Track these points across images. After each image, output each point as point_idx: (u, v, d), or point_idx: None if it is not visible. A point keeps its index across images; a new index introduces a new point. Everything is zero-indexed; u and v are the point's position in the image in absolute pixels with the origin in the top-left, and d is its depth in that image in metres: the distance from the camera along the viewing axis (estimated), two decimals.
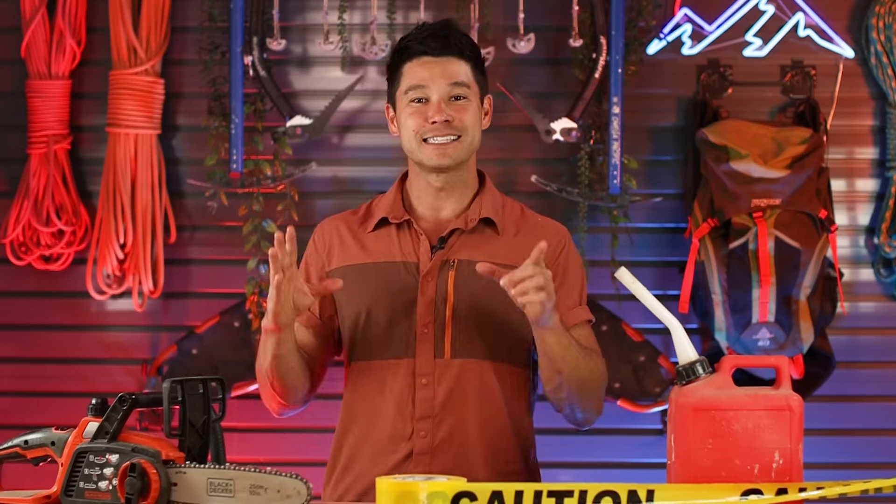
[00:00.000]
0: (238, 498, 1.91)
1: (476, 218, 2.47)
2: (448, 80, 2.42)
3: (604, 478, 3.91)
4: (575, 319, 2.47)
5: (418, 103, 2.43)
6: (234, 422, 3.95)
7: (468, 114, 2.43)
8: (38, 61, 4.13)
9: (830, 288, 3.92)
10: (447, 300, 2.40)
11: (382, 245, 2.47)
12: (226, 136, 4.05)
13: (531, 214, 2.57)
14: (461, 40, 2.45)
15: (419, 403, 2.40)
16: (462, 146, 2.43)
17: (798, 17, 4.08)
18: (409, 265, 2.44)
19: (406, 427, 2.40)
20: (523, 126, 4.09)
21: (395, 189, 2.54)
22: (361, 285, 2.45)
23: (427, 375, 2.41)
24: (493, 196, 2.53)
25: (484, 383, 2.42)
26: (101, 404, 2.04)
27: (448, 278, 2.41)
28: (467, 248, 2.45)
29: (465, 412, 2.40)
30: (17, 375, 4.23)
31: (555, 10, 4.09)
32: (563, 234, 2.54)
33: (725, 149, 3.89)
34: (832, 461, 4.00)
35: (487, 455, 2.41)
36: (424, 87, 2.42)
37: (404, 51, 2.46)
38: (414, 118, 2.42)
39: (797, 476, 1.96)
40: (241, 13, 4.02)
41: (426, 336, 2.41)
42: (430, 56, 2.43)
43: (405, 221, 2.48)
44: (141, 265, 4.09)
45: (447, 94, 2.42)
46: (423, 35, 2.45)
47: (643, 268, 4.00)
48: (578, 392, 2.40)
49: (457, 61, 2.44)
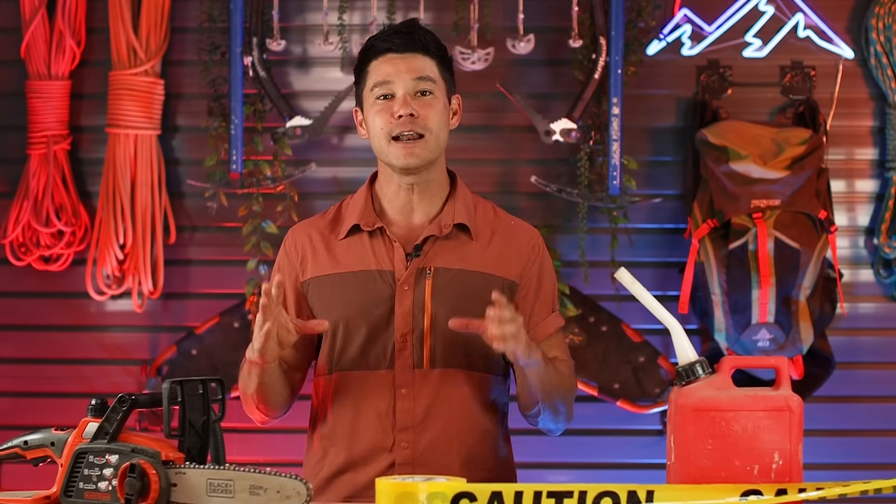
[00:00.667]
0: (238, 498, 1.91)
1: (450, 224, 2.45)
2: (413, 74, 2.41)
3: (603, 478, 3.92)
4: (550, 329, 2.49)
5: (384, 100, 2.41)
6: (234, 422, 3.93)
7: (433, 111, 2.41)
8: (37, 62, 4.13)
9: (830, 289, 3.92)
10: (425, 310, 2.39)
11: (355, 254, 2.45)
12: (225, 137, 4.05)
13: (504, 216, 2.55)
14: (426, 37, 2.45)
15: (400, 414, 2.40)
16: (427, 146, 2.41)
17: (798, 18, 4.08)
18: (384, 274, 2.42)
19: (387, 438, 2.40)
20: (523, 127, 4.09)
21: (364, 193, 2.52)
22: (337, 296, 2.44)
23: (407, 386, 2.40)
24: (465, 198, 2.50)
25: (463, 392, 2.42)
26: (101, 405, 2.04)
27: (425, 287, 2.40)
28: (443, 255, 2.43)
29: (445, 422, 2.40)
30: (17, 376, 4.23)
31: (554, 11, 4.09)
32: (536, 238, 2.53)
33: (725, 149, 3.89)
34: (832, 462, 4.00)
35: (468, 464, 2.40)
36: (390, 83, 2.41)
37: (369, 50, 2.46)
38: (381, 116, 2.41)
39: (797, 477, 1.96)
40: (240, 14, 4.02)
41: (405, 346, 2.40)
42: (394, 53, 2.42)
43: (378, 228, 2.46)
44: (140, 266, 4.09)
45: (412, 89, 2.40)
46: (387, 33, 2.45)
47: (643, 268, 4.00)
48: (553, 412, 2.44)
49: (422, 57, 2.43)
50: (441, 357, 2.39)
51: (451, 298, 2.39)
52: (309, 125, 4.05)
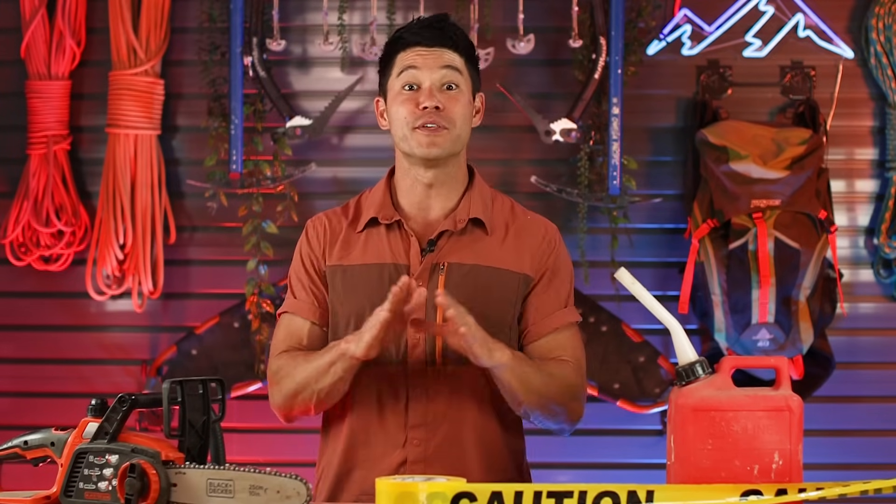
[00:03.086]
0: (237, 498, 1.91)
1: (465, 219, 2.44)
2: (440, 66, 2.41)
3: (603, 478, 3.93)
4: (557, 323, 2.46)
5: (409, 91, 2.41)
6: (234, 422, 3.95)
7: (458, 105, 2.41)
8: (37, 62, 4.13)
9: (830, 289, 3.92)
10: (437, 306, 2.37)
11: (373, 246, 2.45)
12: (225, 137, 4.05)
13: (521, 211, 2.54)
14: (456, 33, 2.45)
15: (412, 411, 2.39)
16: (450, 137, 2.40)
17: (798, 18, 4.09)
18: (399, 267, 2.41)
19: (399, 435, 2.39)
20: (523, 127, 4.09)
21: (383, 186, 2.51)
22: (353, 287, 2.43)
23: (419, 383, 2.39)
24: (482, 193, 2.49)
25: (476, 389, 2.40)
26: (101, 405, 2.04)
27: (438, 283, 2.39)
28: (457, 250, 2.42)
29: (458, 419, 2.39)
30: (17, 376, 4.23)
31: (554, 11, 4.09)
32: (553, 232, 2.52)
33: (725, 149, 3.89)
34: (832, 462, 4.00)
35: (482, 461, 2.40)
36: (417, 72, 2.40)
37: (398, 41, 2.45)
38: (406, 105, 2.40)
39: (797, 477, 1.96)
40: (240, 14, 4.02)
41: (417, 343, 2.39)
42: (423, 46, 2.42)
43: (395, 222, 2.45)
44: (140, 266, 4.09)
45: (439, 81, 2.40)
46: (418, 26, 2.45)
47: (643, 268, 4.00)
48: (545, 412, 2.40)
49: (450, 52, 2.42)
50: (453, 354, 2.37)
51: (464, 294, 2.36)
52: (309, 125, 4.05)
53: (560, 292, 2.49)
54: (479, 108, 2.51)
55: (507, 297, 2.43)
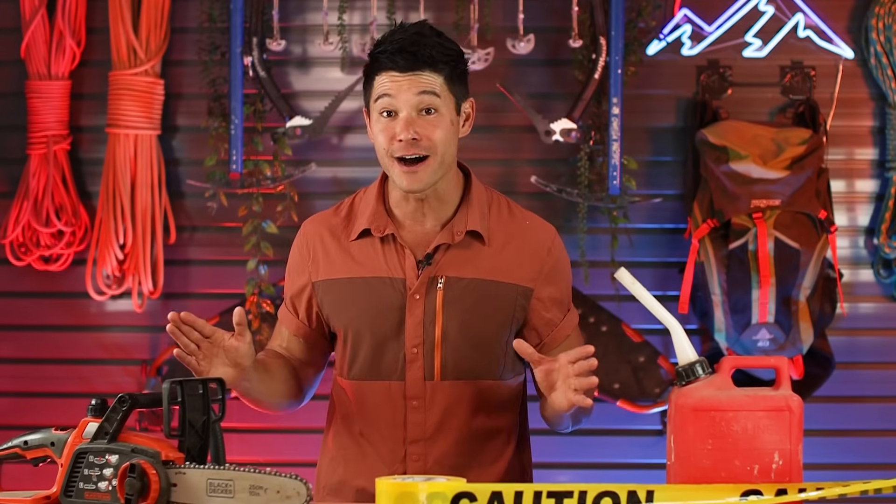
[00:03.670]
0: (237, 498, 1.91)
1: (462, 231, 2.38)
2: (416, 92, 2.30)
3: (603, 478, 3.93)
4: (567, 331, 2.45)
5: (387, 117, 2.33)
6: (234, 422, 3.94)
7: (437, 130, 2.31)
8: (37, 62, 4.13)
9: (830, 289, 3.92)
10: (436, 321, 2.35)
11: (366, 258, 2.40)
12: (225, 137, 4.05)
13: (519, 213, 2.48)
14: (432, 52, 2.31)
15: (411, 427, 2.38)
16: (431, 167, 2.31)
17: (798, 18, 4.08)
18: (395, 281, 2.37)
19: (398, 449, 2.39)
20: (523, 127, 4.09)
21: (375, 192, 2.43)
22: (347, 301, 2.40)
23: (418, 398, 2.37)
24: (479, 200, 2.43)
25: (475, 403, 2.39)
26: (101, 405, 2.04)
27: (436, 297, 2.35)
28: (455, 263, 2.37)
29: (456, 434, 2.38)
30: (17, 376, 4.23)
31: (554, 11, 4.09)
32: (551, 238, 2.46)
33: (725, 149, 3.89)
34: (832, 462, 4.00)
35: (479, 476, 2.37)
36: (392, 99, 2.31)
37: (375, 62, 2.36)
38: (383, 134, 2.32)
39: (797, 477, 1.96)
40: (240, 14, 4.02)
41: (415, 357, 2.36)
42: (397, 72, 2.32)
43: (388, 235, 2.39)
44: (140, 266, 4.09)
45: (415, 107, 2.30)
46: (392, 48, 2.33)
47: (643, 268, 4.00)
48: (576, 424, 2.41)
49: (427, 74, 2.31)
50: (452, 369, 2.36)
51: (463, 308, 2.35)
52: (309, 125, 4.05)
53: (563, 300, 2.47)
54: (469, 114, 2.42)
55: (506, 311, 2.39)
